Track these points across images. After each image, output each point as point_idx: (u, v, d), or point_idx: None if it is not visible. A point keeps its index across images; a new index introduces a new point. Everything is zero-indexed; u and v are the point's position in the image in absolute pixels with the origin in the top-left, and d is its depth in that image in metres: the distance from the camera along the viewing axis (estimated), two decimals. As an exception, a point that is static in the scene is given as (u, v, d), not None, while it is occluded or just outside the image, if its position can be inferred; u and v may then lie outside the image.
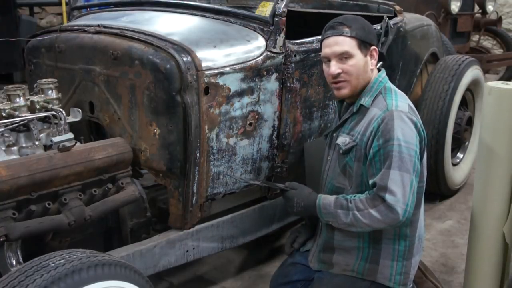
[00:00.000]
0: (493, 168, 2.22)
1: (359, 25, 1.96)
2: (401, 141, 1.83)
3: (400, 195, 1.82)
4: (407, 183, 1.83)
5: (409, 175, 1.83)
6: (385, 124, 1.86)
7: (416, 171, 1.87)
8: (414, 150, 1.86)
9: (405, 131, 1.85)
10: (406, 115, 1.88)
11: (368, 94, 1.98)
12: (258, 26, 2.39)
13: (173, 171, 2.17)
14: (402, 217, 1.82)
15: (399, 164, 1.83)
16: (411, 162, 1.84)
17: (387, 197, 1.82)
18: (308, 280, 2.16)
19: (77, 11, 3.09)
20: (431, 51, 3.88)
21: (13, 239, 1.81)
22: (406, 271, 1.99)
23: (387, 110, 1.89)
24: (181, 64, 2.06)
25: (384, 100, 1.94)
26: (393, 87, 2.02)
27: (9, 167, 1.84)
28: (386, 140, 1.85)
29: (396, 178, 1.82)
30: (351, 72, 1.95)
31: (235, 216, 2.50)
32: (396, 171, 1.83)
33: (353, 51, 1.94)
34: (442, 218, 3.61)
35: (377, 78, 2.01)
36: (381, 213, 1.83)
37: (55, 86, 2.26)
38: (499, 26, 7.08)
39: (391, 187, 1.82)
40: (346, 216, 1.89)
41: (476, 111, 4.04)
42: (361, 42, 1.94)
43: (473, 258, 2.38)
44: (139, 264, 2.11)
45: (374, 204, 1.85)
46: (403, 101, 1.95)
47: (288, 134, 2.52)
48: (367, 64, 1.97)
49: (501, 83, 2.22)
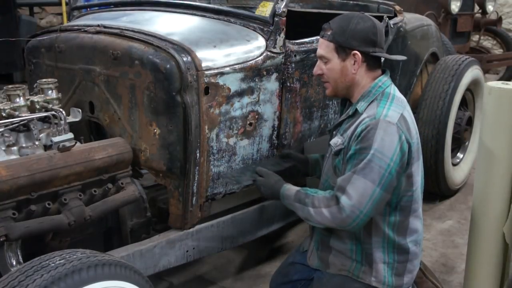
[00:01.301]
0: (493, 168, 2.22)
1: (341, 29, 1.94)
2: (376, 151, 1.81)
3: (355, 200, 1.81)
4: (368, 192, 1.81)
5: (372, 185, 1.81)
6: (367, 132, 1.84)
7: (385, 185, 1.82)
8: (387, 163, 1.81)
9: (384, 142, 1.82)
10: (391, 127, 1.84)
11: (365, 99, 1.96)
12: (258, 26, 2.39)
13: (173, 171, 2.17)
14: (352, 221, 1.82)
15: (365, 172, 1.81)
16: (379, 174, 1.81)
17: (342, 199, 1.82)
18: (307, 280, 2.16)
19: (77, 11, 3.09)
20: (431, 51, 3.88)
21: (13, 239, 1.81)
22: (399, 273, 1.98)
23: (374, 118, 1.87)
24: (181, 64, 2.06)
25: (376, 107, 1.91)
26: (393, 93, 1.98)
27: (9, 167, 1.84)
28: (363, 148, 1.84)
29: (357, 184, 1.81)
30: (328, 75, 2.00)
31: (235, 216, 2.50)
32: (361, 178, 1.81)
33: (328, 55, 1.96)
34: (442, 218, 3.61)
35: (376, 83, 1.97)
36: (332, 214, 1.84)
37: (55, 86, 2.26)
38: (499, 26, 7.08)
39: (349, 190, 1.82)
40: (302, 210, 1.94)
41: (476, 111, 4.05)
42: (339, 47, 1.94)
43: (473, 258, 2.38)
44: (139, 264, 2.11)
45: (328, 204, 1.86)
46: (396, 110, 1.90)
47: (288, 134, 2.52)
48: (345, 69, 1.96)
49: (501, 83, 2.22)
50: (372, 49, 1.94)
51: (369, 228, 1.95)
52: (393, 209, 1.93)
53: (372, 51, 1.94)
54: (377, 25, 1.97)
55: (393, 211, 1.94)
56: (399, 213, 1.94)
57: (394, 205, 1.93)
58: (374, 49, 1.94)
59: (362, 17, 1.97)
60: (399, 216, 1.95)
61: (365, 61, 1.95)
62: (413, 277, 2.05)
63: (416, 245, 2.01)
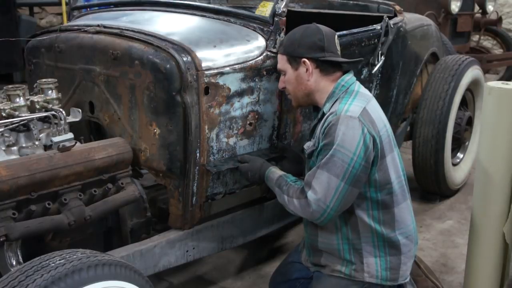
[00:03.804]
0: (493, 168, 2.22)
1: (290, 40, 2.08)
2: (338, 146, 1.85)
3: (321, 195, 1.87)
4: (333, 186, 1.85)
5: (336, 180, 1.85)
6: (329, 128, 1.89)
7: (350, 179, 1.85)
8: (350, 157, 1.84)
9: (346, 136, 1.85)
10: (353, 121, 1.87)
11: (329, 101, 2.03)
12: (258, 26, 2.39)
13: (173, 171, 2.17)
14: (320, 216, 1.89)
15: (328, 167, 1.86)
16: (342, 168, 1.85)
17: (309, 194, 1.89)
18: (306, 278, 2.17)
19: (77, 11, 3.08)
20: (431, 51, 3.88)
21: (13, 239, 1.81)
22: (392, 266, 1.99)
23: (335, 114, 1.92)
24: (181, 64, 2.06)
25: (338, 104, 1.97)
26: (358, 89, 2.03)
27: (9, 167, 1.84)
28: (326, 144, 1.89)
29: (322, 178, 1.87)
30: (288, 86, 2.13)
31: (235, 216, 2.50)
32: (324, 172, 1.87)
33: (284, 67, 2.11)
34: (442, 218, 3.61)
35: (339, 83, 2.03)
36: (301, 206, 1.92)
37: (55, 86, 2.25)
38: (499, 26, 7.08)
39: (314, 185, 1.88)
40: (280, 196, 2.02)
41: (476, 111, 4.05)
42: (290, 57, 2.07)
43: (473, 258, 2.38)
44: (139, 264, 2.11)
45: (299, 195, 1.93)
46: (358, 105, 1.94)
47: (288, 134, 2.52)
48: (299, 77, 2.06)
49: (501, 83, 2.22)
50: (321, 54, 2.01)
51: (356, 225, 1.97)
52: (375, 203, 1.97)
53: (321, 56, 2.01)
54: (325, 31, 2.05)
55: (375, 205, 1.97)
56: (382, 207, 1.98)
57: (374, 199, 1.96)
58: (323, 54, 2.01)
59: (308, 27, 2.08)
60: (382, 210, 1.98)
61: (317, 67, 2.04)
62: (408, 269, 2.04)
63: (407, 238, 2.02)
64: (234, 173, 2.34)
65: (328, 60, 2.02)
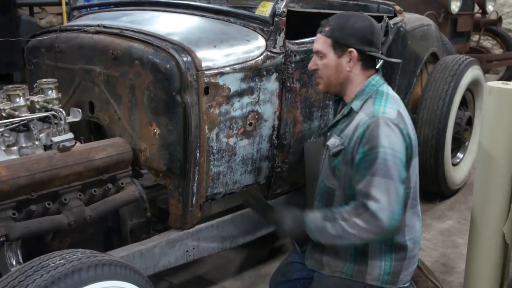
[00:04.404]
0: (493, 168, 2.22)
1: (339, 25, 1.96)
2: (387, 148, 1.81)
3: (384, 202, 1.79)
4: (392, 190, 1.81)
5: (394, 182, 1.81)
6: (370, 131, 1.85)
7: (402, 178, 1.84)
8: (399, 157, 1.83)
9: (390, 138, 1.83)
10: (392, 122, 1.86)
11: (359, 98, 1.97)
12: (258, 26, 2.39)
13: (173, 171, 2.17)
14: (388, 224, 1.79)
15: (384, 171, 1.81)
16: (396, 170, 1.82)
17: (370, 204, 1.79)
18: (306, 279, 2.16)
19: (77, 11, 3.09)
20: (431, 51, 3.88)
21: (13, 239, 1.81)
22: (395, 271, 1.98)
23: (373, 116, 1.88)
24: (181, 64, 2.06)
25: (373, 105, 1.92)
26: (387, 91, 2.00)
27: (9, 167, 1.84)
28: (372, 147, 1.84)
29: (380, 185, 1.80)
30: (322, 70, 2.01)
31: (235, 216, 2.50)
32: (381, 178, 1.81)
33: (324, 51, 1.98)
34: (442, 218, 3.61)
35: (369, 81, 1.99)
36: (366, 222, 1.80)
37: (55, 86, 2.25)
38: (499, 26, 7.08)
39: (375, 194, 1.79)
40: (334, 228, 1.87)
41: (476, 111, 4.04)
42: (336, 43, 1.96)
43: (473, 258, 2.38)
44: (139, 264, 2.11)
45: (357, 212, 1.82)
46: (392, 107, 1.92)
47: (288, 134, 2.52)
48: (340, 65, 1.97)
49: (501, 83, 2.22)
50: (368, 48, 1.95)
51: None
52: None
53: (368, 50, 1.95)
54: (375, 25, 1.99)
55: None
56: None
57: None
58: (370, 49, 1.96)
59: (361, 16, 2.00)
60: None
61: (360, 60, 1.97)
62: (409, 274, 2.04)
63: (414, 243, 2.01)
64: (234, 173, 2.35)
65: (372, 55, 1.97)
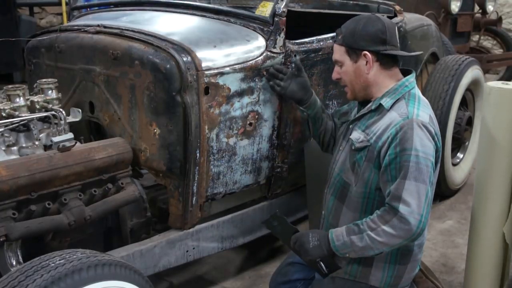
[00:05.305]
0: (493, 168, 2.22)
1: (350, 31, 1.97)
2: (419, 152, 1.80)
3: (414, 206, 1.77)
4: (422, 194, 1.79)
5: (425, 186, 1.80)
6: (404, 133, 1.83)
7: (432, 181, 1.85)
8: (431, 161, 1.83)
9: (423, 141, 1.82)
10: (425, 126, 1.85)
11: (391, 96, 1.95)
12: (258, 26, 2.39)
13: (173, 171, 2.17)
14: (417, 228, 1.77)
15: (415, 175, 1.79)
16: (427, 173, 1.81)
17: (401, 208, 1.77)
18: (307, 279, 2.16)
19: (77, 11, 3.09)
20: (431, 51, 3.88)
21: (13, 239, 1.81)
22: (398, 274, 1.98)
23: (407, 118, 1.86)
24: (181, 64, 2.06)
25: (406, 106, 1.90)
26: (418, 94, 1.98)
27: (9, 167, 1.84)
28: (404, 149, 1.82)
29: (411, 188, 1.79)
30: (344, 78, 2.04)
31: (235, 216, 2.50)
32: (412, 182, 1.79)
33: (341, 59, 2.01)
34: (442, 218, 3.61)
35: (403, 82, 1.97)
36: (394, 227, 1.78)
37: (55, 86, 2.25)
38: (499, 26, 7.08)
39: (405, 197, 1.77)
40: (361, 240, 1.83)
41: (476, 111, 4.04)
42: (350, 49, 1.98)
43: (473, 258, 2.38)
44: (139, 264, 2.11)
45: (385, 219, 1.80)
46: (425, 111, 1.91)
47: (288, 134, 2.52)
48: (358, 70, 1.98)
49: (501, 83, 2.22)
50: (383, 47, 1.94)
51: None
52: None
53: (382, 49, 1.94)
54: (388, 24, 1.98)
55: None
56: None
57: None
58: (385, 48, 1.94)
59: (370, 17, 2.00)
60: None
61: (377, 60, 1.96)
62: (411, 277, 2.05)
63: (419, 248, 2.01)
64: (234, 173, 2.35)
65: (389, 54, 1.96)
